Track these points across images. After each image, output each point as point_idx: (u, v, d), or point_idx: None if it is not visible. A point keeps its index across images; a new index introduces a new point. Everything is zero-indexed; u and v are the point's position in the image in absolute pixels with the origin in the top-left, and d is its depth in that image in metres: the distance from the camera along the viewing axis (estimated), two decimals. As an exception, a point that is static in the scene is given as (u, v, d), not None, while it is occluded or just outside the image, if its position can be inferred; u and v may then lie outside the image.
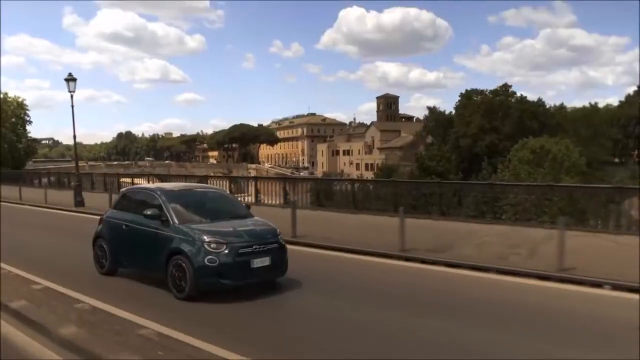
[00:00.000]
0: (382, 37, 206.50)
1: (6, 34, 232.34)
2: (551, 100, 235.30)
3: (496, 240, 12.04)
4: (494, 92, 77.70)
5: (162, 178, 33.85)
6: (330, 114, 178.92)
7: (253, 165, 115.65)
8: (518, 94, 77.55)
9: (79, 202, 22.23)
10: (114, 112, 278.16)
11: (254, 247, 8.00)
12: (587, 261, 9.40)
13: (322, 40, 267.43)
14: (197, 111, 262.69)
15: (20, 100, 53.79)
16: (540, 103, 78.02)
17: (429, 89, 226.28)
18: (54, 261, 10.73)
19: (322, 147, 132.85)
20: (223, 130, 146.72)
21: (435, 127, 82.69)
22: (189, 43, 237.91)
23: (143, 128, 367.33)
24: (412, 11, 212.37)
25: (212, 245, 7.78)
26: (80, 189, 23.26)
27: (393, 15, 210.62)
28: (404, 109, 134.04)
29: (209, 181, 25.54)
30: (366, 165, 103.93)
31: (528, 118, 70.69)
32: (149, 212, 8.42)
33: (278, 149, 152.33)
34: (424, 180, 36.30)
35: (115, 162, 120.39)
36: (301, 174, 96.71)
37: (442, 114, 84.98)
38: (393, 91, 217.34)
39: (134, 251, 8.93)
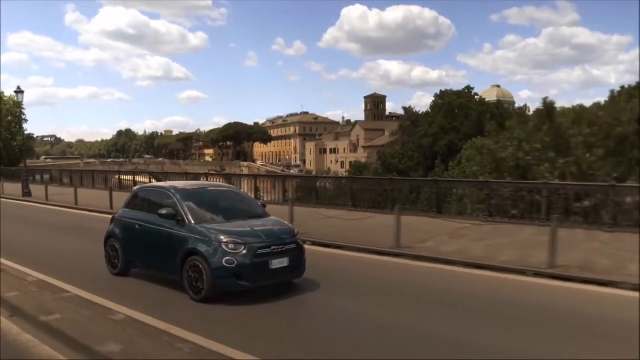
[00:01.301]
0: (384, 35, 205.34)
1: (8, 31, 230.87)
2: (554, 99, 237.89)
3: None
4: (457, 94, 79.28)
5: (155, 176, 33.48)
6: (332, 112, 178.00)
7: (245, 163, 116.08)
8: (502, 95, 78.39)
9: (27, 193, 26.31)
10: (116, 109, 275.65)
11: (272, 247, 7.61)
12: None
13: (324, 39, 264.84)
14: (200, 109, 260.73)
15: (15, 99, 52.94)
16: (499, 104, 79.71)
17: (432, 87, 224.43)
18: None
19: (310, 146, 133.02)
20: (217, 129, 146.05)
21: (408, 127, 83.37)
22: (191, 41, 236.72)
23: (146, 125, 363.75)
24: (415, 9, 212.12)
25: (230, 246, 7.38)
26: (27, 182, 27.28)
27: (395, 14, 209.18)
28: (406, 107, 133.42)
29: (201, 178, 25.94)
30: (350, 163, 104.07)
31: (486, 119, 72.03)
32: (163, 212, 8.00)
33: (272, 147, 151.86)
34: (365, 177, 36.71)
35: (109, 160, 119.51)
36: (291, 171, 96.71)
37: (416, 114, 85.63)
38: (396, 89, 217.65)
39: (148, 252, 8.49)
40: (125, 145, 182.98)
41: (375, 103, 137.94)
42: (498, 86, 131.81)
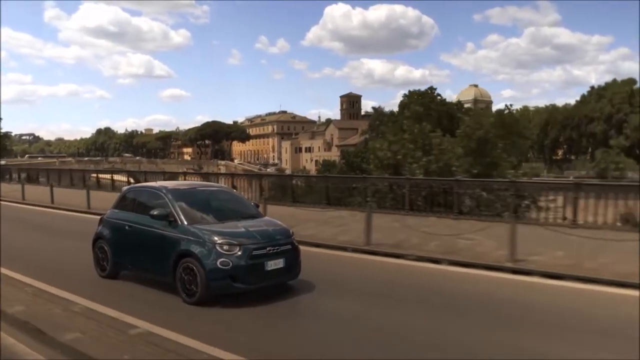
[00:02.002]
0: (367, 34, 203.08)
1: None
2: (536, 99, 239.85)
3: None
4: (421, 94, 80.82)
5: (133, 174, 32.89)
6: (315, 111, 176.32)
7: (223, 162, 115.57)
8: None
9: None
10: (97, 107, 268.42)
11: (267, 248, 7.37)
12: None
13: (307, 37, 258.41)
14: (183, 107, 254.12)
15: None
16: (459, 105, 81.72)
17: (415, 86, 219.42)
18: None
19: (286, 145, 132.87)
20: (196, 127, 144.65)
21: (377, 126, 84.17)
22: (173, 38, 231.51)
23: (127, 124, 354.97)
24: (398, 8, 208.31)
25: (224, 247, 7.12)
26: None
27: (379, 12, 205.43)
28: (390, 106, 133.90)
29: (179, 177, 25.91)
30: (324, 162, 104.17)
31: (445, 119, 73.05)
32: (155, 212, 7.69)
33: (250, 146, 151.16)
34: (324, 175, 37.34)
35: (86, 159, 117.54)
36: (268, 170, 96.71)
37: (383, 113, 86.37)
38: (379, 88, 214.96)
39: (138, 253, 8.15)
40: (104, 143, 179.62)
41: (350, 102, 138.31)
42: (476, 85, 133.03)
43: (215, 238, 7.19)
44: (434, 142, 21.51)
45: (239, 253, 7.13)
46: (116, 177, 31.95)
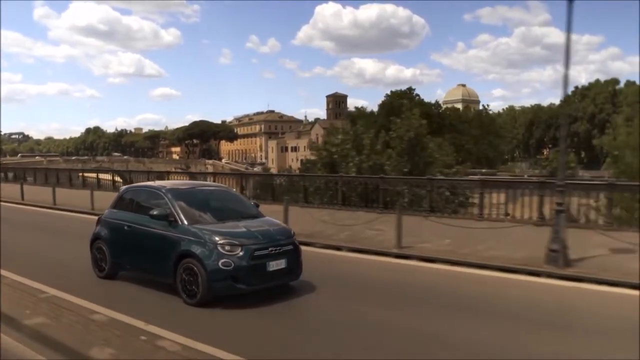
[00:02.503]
0: (358, 33, 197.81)
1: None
2: (526, 98, 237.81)
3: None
4: (400, 94, 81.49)
5: (120, 173, 32.57)
6: (307, 110, 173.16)
7: (210, 161, 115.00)
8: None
9: None
10: (87, 106, 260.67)
11: (269, 249, 7.23)
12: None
13: (298, 36, 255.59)
14: (173, 106, 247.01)
15: None
16: (436, 105, 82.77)
17: (406, 86, 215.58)
18: None
19: (272, 144, 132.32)
20: (184, 127, 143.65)
21: (351, 126, 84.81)
22: (164, 37, 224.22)
23: (117, 123, 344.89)
24: (389, 8, 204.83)
25: (226, 248, 6.98)
26: None
27: (369, 12, 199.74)
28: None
29: (165, 177, 25.61)
30: (306, 161, 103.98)
31: (424, 118, 73.66)
32: (155, 212, 7.53)
33: (238, 145, 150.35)
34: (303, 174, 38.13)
35: (73, 158, 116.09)
36: (255, 169, 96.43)
37: (364, 113, 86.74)
38: (370, 87, 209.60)
39: (138, 254, 7.97)
40: (93, 142, 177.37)
41: (336, 102, 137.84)
42: (463, 85, 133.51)
43: (217, 238, 7.05)
44: (364, 142, 23.09)
45: (241, 253, 6.99)
46: (102, 175, 31.71)
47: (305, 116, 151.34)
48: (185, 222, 7.41)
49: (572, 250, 8.96)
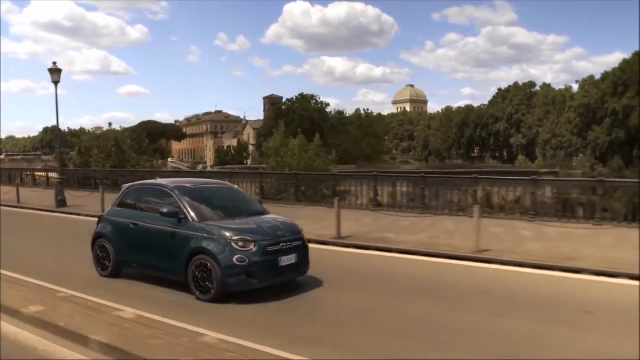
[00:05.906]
0: (328, 31, 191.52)
1: None
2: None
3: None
4: (297, 100, 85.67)
5: (63, 172, 31.10)
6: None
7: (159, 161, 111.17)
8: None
9: None
10: (52, 104, 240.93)
11: (281, 244, 7.00)
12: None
13: (267, 35, 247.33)
14: (142, 104, 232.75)
15: None
16: (322, 109, 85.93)
17: (376, 84, 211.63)
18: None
19: (209, 144, 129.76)
20: (132, 127, 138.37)
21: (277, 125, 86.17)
22: (131, 34, 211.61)
23: (83, 121, 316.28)
24: (358, 6, 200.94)
25: (239, 244, 6.70)
26: None
27: (338, 10, 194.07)
28: (351, 103, 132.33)
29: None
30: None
31: (307, 122, 75.99)
32: (165, 210, 7.13)
33: (187, 145, 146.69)
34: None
35: (19, 157, 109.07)
36: (198, 168, 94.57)
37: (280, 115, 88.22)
38: (340, 86, 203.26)
39: (146, 252, 7.51)
40: (51, 141, 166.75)
41: (272, 103, 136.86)
42: (412, 86, 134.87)
43: (229, 234, 6.77)
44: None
45: (254, 249, 6.73)
46: (39, 173, 31.35)
47: (244, 116, 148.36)
48: (196, 219, 7.07)
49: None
